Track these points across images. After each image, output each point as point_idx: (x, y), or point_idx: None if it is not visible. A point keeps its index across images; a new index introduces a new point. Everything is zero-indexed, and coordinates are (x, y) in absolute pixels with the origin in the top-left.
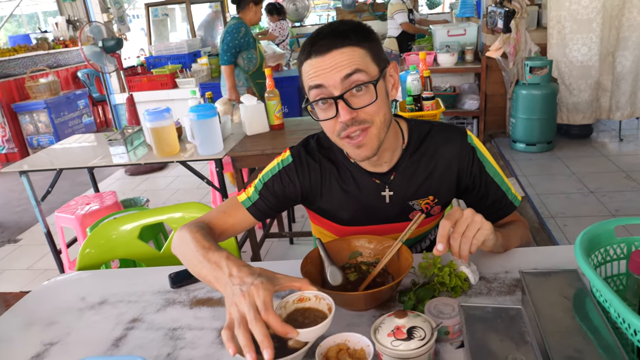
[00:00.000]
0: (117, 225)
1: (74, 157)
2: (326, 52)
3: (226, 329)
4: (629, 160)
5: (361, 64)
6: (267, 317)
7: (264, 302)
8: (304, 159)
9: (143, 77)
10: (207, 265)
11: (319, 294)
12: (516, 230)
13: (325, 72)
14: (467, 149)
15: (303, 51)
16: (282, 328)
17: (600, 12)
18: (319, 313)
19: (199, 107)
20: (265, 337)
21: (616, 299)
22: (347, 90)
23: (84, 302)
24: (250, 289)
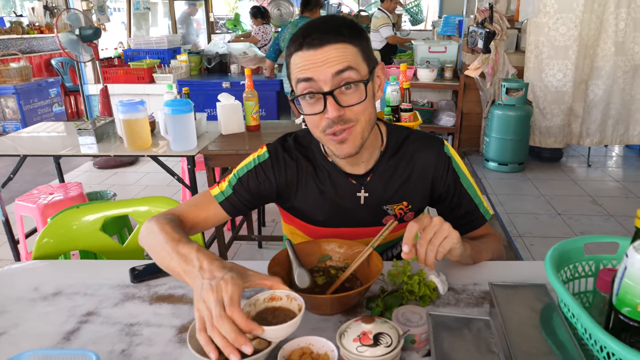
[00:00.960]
0: (79, 215)
1: (41, 145)
2: (319, 46)
3: (201, 331)
4: (595, 185)
5: (353, 61)
6: (232, 313)
7: (230, 298)
8: (281, 156)
9: (119, 69)
10: (176, 258)
11: (291, 293)
12: (487, 243)
13: (317, 66)
14: (443, 158)
15: (294, 42)
16: (247, 325)
17: (577, 40)
18: (290, 313)
19: (175, 102)
20: (235, 335)
21: (584, 313)
22: (338, 87)
23: (37, 292)
24: (219, 284)
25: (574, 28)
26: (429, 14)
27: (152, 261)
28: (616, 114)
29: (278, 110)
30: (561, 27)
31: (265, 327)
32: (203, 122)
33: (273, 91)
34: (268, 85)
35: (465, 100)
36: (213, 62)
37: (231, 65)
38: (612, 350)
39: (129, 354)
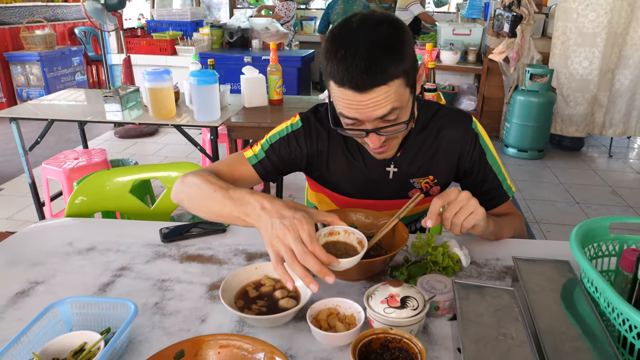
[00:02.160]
0: (110, 176)
1: (65, 111)
2: (363, 91)
3: (278, 263)
4: (616, 176)
5: (397, 100)
6: (314, 249)
7: (309, 235)
8: (313, 125)
9: (142, 40)
10: (230, 203)
11: (348, 228)
12: (510, 221)
13: (360, 108)
14: (470, 134)
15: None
16: (328, 259)
17: (606, 28)
18: (349, 246)
19: (200, 72)
20: (320, 267)
21: (608, 287)
22: (381, 128)
23: (72, 247)
24: (293, 223)
25: (603, 15)
26: None
27: (180, 223)
28: None
29: (299, 87)
30: (590, 14)
31: (340, 259)
32: (227, 94)
33: (294, 67)
34: (289, 61)
35: (488, 84)
36: (235, 37)
37: (253, 40)
38: (634, 322)
39: (162, 307)
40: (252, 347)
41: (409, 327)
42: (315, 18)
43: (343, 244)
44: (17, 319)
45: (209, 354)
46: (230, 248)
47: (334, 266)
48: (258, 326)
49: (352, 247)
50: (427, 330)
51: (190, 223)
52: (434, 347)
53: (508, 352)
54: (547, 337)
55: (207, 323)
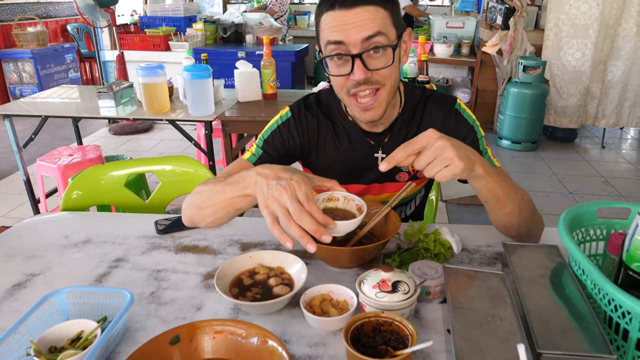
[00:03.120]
0: (105, 170)
1: (58, 108)
2: (351, 7)
3: (274, 223)
4: (609, 167)
5: (382, 26)
6: (310, 208)
7: (306, 195)
8: (303, 113)
9: (135, 36)
10: (230, 187)
11: (348, 195)
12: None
13: (347, 28)
14: (453, 112)
15: (325, 1)
16: (324, 219)
17: (598, 20)
18: (348, 213)
19: (194, 67)
20: (317, 226)
21: (594, 269)
22: (366, 51)
23: (67, 239)
24: (290, 183)
25: (595, 7)
26: None
27: (176, 215)
28: (634, 95)
29: (293, 82)
30: (582, 5)
31: (337, 222)
32: (220, 88)
33: (288, 62)
34: (283, 56)
35: (481, 77)
36: (229, 32)
37: (246, 35)
38: (619, 302)
39: (157, 296)
40: (246, 332)
41: (400, 310)
42: (309, 12)
43: (342, 211)
44: (15, 310)
45: (204, 339)
46: (225, 239)
47: (331, 228)
48: (253, 313)
49: (351, 213)
50: (418, 314)
51: None
52: (425, 330)
53: (497, 332)
54: (535, 318)
55: (203, 311)
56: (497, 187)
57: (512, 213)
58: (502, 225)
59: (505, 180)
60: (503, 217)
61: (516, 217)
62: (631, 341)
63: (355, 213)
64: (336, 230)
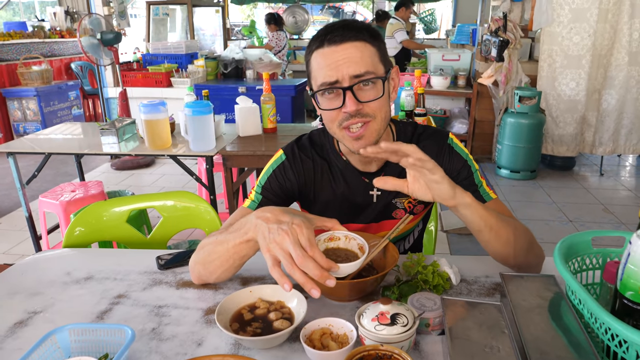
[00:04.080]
0: (108, 207)
1: (61, 145)
2: (340, 43)
3: (275, 266)
4: (608, 194)
5: (370, 64)
6: (314, 253)
7: (308, 239)
8: (297, 155)
9: (138, 73)
10: (232, 236)
11: (349, 234)
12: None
13: (338, 64)
14: (445, 147)
15: (316, 40)
16: (327, 263)
17: (590, 50)
18: (350, 253)
19: (195, 104)
20: (320, 272)
21: (590, 298)
22: (357, 83)
23: (69, 276)
24: (292, 228)
25: (587, 38)
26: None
27: (177, 250)
28: (629, 123)
29: (293, 115)
30: (575, 37)
31: (340, 265)
32: (221, 124)
33: (288, 96)
34: (283, 90)
35: (478, 107)
36: (229, 68)
37: (247, 71)
38: (616, 331)
39: (159, 332)
40: None
41: (399, 343)
42: None
43: (344, 251)
44: (17, 348)
45: None
46: None
47: (334, 271)
48: (253, 348)
49: (353, 253)
50: (418, 346)
51: (188, 250)
52: None
53: None
54: (533, 349)
55: (204, 346)
56: (488, 215)
57: (508, 243)
58: (499, 255)
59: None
60: (499, 247)
61: (512, 247)
62: None
63: (357, 252)
64: (339, 272)
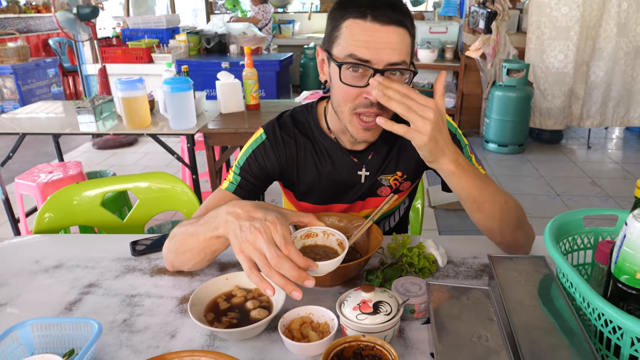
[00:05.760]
0: (79, 190)
1: (40, 124)
2: (385, 24)
3: (252, 269)
4: (595, 167)
5: (406, 54)
6: (289, 252)
7: (283, 237)
8: (279, 135)
9: (118, 49)
10: (202, 229)
11: (327, 229)
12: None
13: (378, 46)
14: None
15: (356, 6)
16: (305, 262)
17: (579, 21)
18: (329, 249)
19: (174, 80)
20: (298, 272)
21: (582, 282)
22: (389, 70)
23: (38, 265)
24: (265, 225)
25: (576, 8)
26: None
27: (153, 235)
28: (617, 95)
29: (278, 91)
30: (563, 8)
31: (319, 263)
32: (202, 100)
33: (273, 71)
34: (267, 65)
35: (466, 81)
36: (212, 43)
37: (230, 46)
38: (610, 317)
39: (130, 323)
40: None
41: (382, 333)
42: (294, 21)
43: (322, 247)
44: None
45: None
46: None
47: (312, 270)
48: (229, 339)
49: (332, 249)
50: (403, 334)
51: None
52: (411, 351)
53: (483, 354)
54: (522, 336)
55: (177, 338)
56: (471, 187)
57: (493, 217)
58: (483, 228)
59: (484, 182)
60: (482, 220)
61: (497, 222)
62: (624, 357)
63: (336, 249)
64: (318, 271)
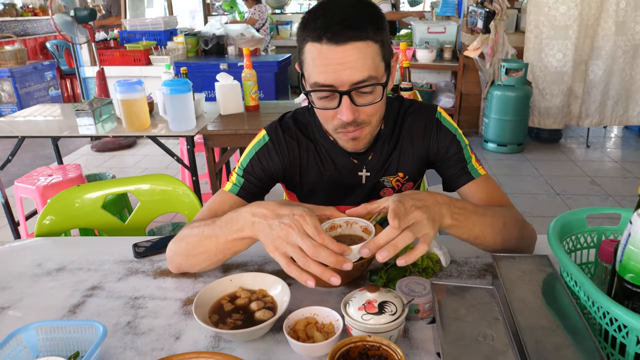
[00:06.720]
0: (80, 193)
1: (38, 127)
2: (341, 43)
3: (290, 264)
4: (594, 166)
5: (373, 68)
6: (323, 240)
7: (315, 227)
8: (281, 137)
9: (116, 51)
10: (221, 231)
11: (350, 219)
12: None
13: (337, 69)
14: (433, 121)
15: (313, 29)
16: (340, 248)
17: (577, 20)
18: (355, 237)
19: (173, 82)
20: (335, 257)
21: (587, 281)
22: (355, 89)
23: (40, 268)
24: (294, 219)
25: (574, 7)
26: None
27: (155, 237)
28: (616, 94)
29: (276, 92)
30: (561, 7)
31: (352, 247)
32: (202, 102)
33: (271, 72)
34: (265, 67)
35: (465, 81)
36: (210, 44)
37: (228, 47)
38: (615, 315)
39: (134, 325)
40: None
41: (388, 333)
42: (291, 22)
43: (348, 237)
44: None
45: None
46: None
47: (347, 254)
48: (234, 340)
49: (358, 237)
50: (408, 334)
51: (167, 236)
52: (416, 351)
53: (489, 353)
54: (528, 335)
55: (182, 340)
56: (472, 227)
57: (495, 244)
58: (484, 249)
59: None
60: (485, 248)
61: (499, 243)
62: (629, 355)
63: (362, 235)
64: (352, 255)
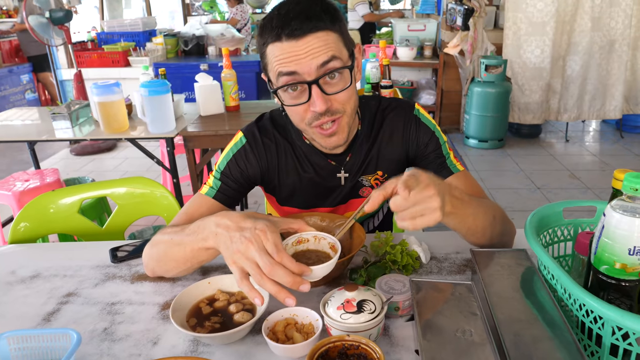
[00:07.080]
0: (55, 198)
1: (14, 131)
2: (300, 37)
3: (243, 279)
4: (573, 160)
5: (336, 50)
6: (281, 259)
7: (274, 244)
8: (259, 139)
9: (93, 53)
10: (188, 239)
11: (318, 234)
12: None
13: (300, 58)
14: (412, 120)
15: (270, 31)
16: (298, 268)
17: (554, 17)
18: (321, 254)
19: (151, 83)
20: (292, 278)
21: (563, 274)
22: (322, 76)
23: (14, 275)
24: (255, 233)
25: (550, 4)
26: None
27: (133, 241)
28: (593, 89)
29: (258, 92)
30: (539, 3)
31: (312, 267)
32: (181, 103)
33: (252, 72)
34: (247, 66)
35: (445, 78)
36: (190, 45)
37: (209, 47)
38: (590, 307)
39: (111, 332)
40: None
41: (367, 331)
42: None
43: (314, 252)
44: None
45: None
46: None
47: (307, 275)
48: (213, 344)
49: (325, 254)
50: (388, 332)
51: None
52: (396, 349)
53: (467, 349)
54: (506, 329)
55: (160, 345)
56: (467, 217)
57: (483, 236)
58: (472, 242)
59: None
60: (474, 240)
61: (487, 236)
62: (605, 346)
63: (328, 252)
64: (312, 275)
